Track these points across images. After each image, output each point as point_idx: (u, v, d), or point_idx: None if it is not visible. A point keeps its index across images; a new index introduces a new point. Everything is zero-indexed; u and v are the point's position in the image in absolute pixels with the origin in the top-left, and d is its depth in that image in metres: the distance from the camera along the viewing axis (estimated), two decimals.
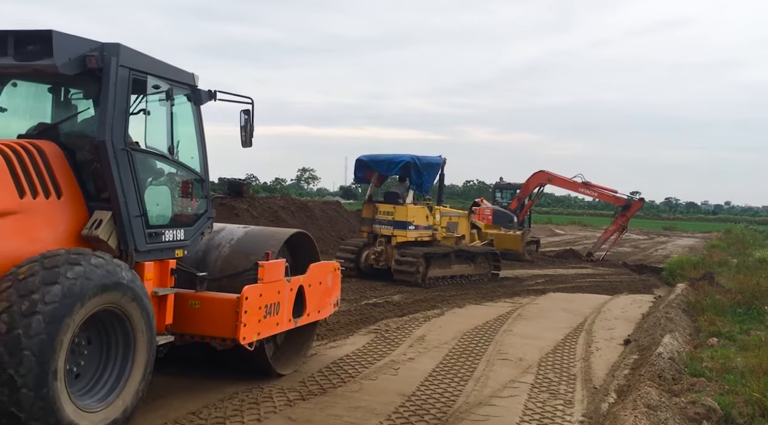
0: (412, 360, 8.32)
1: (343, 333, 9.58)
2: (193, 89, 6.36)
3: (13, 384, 4.20)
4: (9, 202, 4.82)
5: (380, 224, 15.30)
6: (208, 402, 6.14)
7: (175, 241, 6.02)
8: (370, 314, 11.30)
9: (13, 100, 5.90)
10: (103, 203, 5.42)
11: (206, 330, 6.17)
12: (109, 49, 5.42)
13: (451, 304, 13.00)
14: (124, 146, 5.44)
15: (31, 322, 4.27)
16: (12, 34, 5.24)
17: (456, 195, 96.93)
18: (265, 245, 6.88)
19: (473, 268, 16.58)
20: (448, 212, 16.95)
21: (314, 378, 7.19)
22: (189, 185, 6.29)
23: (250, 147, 6.80)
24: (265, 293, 6.41)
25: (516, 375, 7.92)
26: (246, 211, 21.31)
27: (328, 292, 7.85)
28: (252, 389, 6.61)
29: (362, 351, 8.61)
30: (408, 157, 15.25)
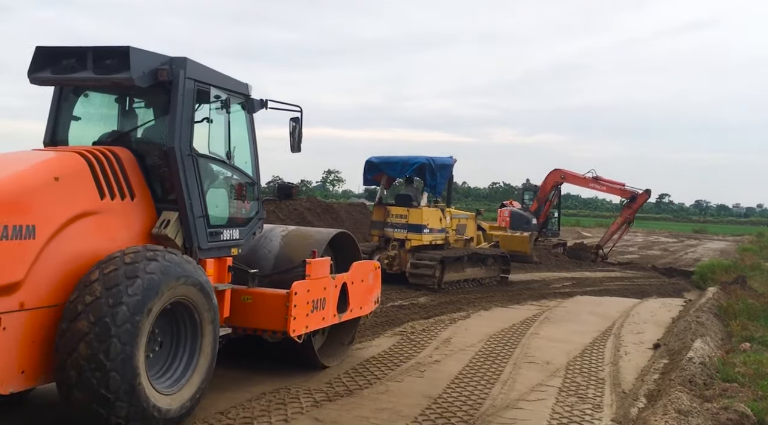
0: (438, 362, 8.30)
1: (368, 335, 9.59)
2: (247, 98, 6.79)
3: (103, 368, 4.65)
4: (91, 203, 5.27)
5: (393, 228, 14.90)
6: (236, 403, 6.21)
7: (231, 240, 6.45)
8: (396, 316, 11.31)
9: (86, 110, 6.40)
10: (169, 204, 5.87)
11: (258, 323, 6.61)
12: (178, 62, 5.87)
13: (477, 307, 12.95)
14: (190, 152, 5.88)
15: (118, 312, 4.72)
16: (91, 50, 5.72)
17: (482, 197, 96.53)
18: (311, 244, 7.29)
19: (484, 271, 16.32)
20: (457, 214, 16.67)
21: (340, 380, 7.22)
22: (243, 188, 6.72)
23: (298, 152, 7.19)
24: (312, 289, 6.83)
25: (543, 378, 7.86)
26: (272, 212, 21.50)
27: (370, 289, 8.22)
28: (279, 390, 6.66)
29: (388, 352, 8.62)
30: (423, 158, 15.02)
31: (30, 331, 4.76)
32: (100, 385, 4.67)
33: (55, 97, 6.25)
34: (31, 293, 4.73)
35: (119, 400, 4.73)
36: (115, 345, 4.68)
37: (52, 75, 5.84)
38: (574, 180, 25.48)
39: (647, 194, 24.44)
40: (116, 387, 4.70)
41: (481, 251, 16.30)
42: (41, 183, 4.93)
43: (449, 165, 15.69)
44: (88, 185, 5.28)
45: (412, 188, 15.50)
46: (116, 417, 4.75)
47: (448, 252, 15.06)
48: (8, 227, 4.56)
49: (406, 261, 14.62)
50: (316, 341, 7.59)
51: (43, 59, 5.85)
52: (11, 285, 4.59)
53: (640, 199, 24.33)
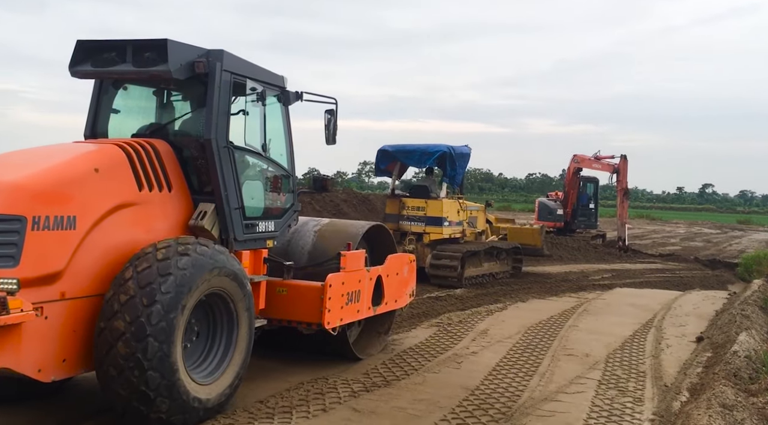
0: (475, 353, 8.27)
1: (405, 326, 9.61)
2: (282, 91, 6.78)
3: (141, 367, 4.71)
4: (130, 194, 5.34)
5: (409, 221, 14.06)
6: (275, 392, 6.28)
7: (266, 232, 6.48)
8: (432, 307, 11.30)
9: (125, 103, 6.47)
10: (205, 196, 5.92)
11: (293, 315, 6.62)
12: (215, 55, 5.89)
13: (514, 298, 12.85)
14: (226, 144, 5.90)
15: (152, 311, 4.76)
16: (130, 44, 5.78)
17: (518, 188, 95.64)
18: (346, 236, 7.28)
19: (499, 265, 15.72)
20: (470, 205, 15.84)
21: (377, 370, 7.24)
22: (279, 180, 6.74)
23: (333, 144, 7.14)
24: (347, 281, 6.82)
25: (582, 371, 7.77)
26: (308, 204, 21.65)
27: (405, 283, 8.18)
28: (317, 380, 6.72)
29: (425, 343, 8.62)
30: (444, 147, 14.21)
31: (71, 320, 4.84)
32: (140, 383, 4.73)
33: (96, 91, 6.33)
34: (72, 282, 4.81)
35: (160, 396, 4.79)
36: (151, 344, 4.72)
37: (93, 68, 5.90)
38: (587, 164, 25.80)
39: (624, 159, 24.77)
40: (156, 385, 4.76)
41: (498, 245, 15.63)
42: (82, 174, 5.00)
43: (467, 154, 14.98)
44: (127, 176, 5.35)
45: (430, 178, 14.84)
46: (157, 412, 4.83)
47: (469, 246, 14.43)
48: (50, 218, 4.64)
49: (424, 256, 13.76)
50: (351, 333, 7.60)
51: (83, 53, 5.92)
52: (53, 275, 4.67)
53: (622, 167, 24.68)
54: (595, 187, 27.94)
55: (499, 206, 57.80)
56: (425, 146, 14.46)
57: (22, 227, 4.50)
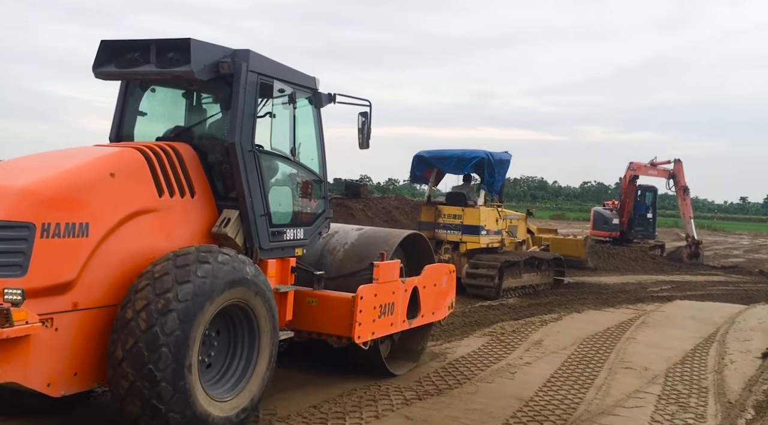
0: (529, 364, 8.15)
1: (458, 335, 9.54)
2: (314, 92, 6.48)
3: (153, 378, 4.44)
4: (149, 200, 5.09)
5: (445, 229, 13.61)
6: (328, 397, 6.30)
7: (295, 240, 6.16)
8: (485, 316, 11.20)
9: (152, 105, 6.25)
10: (230, 202, 5.64)
11: (323, 327, 6.30)
12: (240, 55, 5.63)
13: (569, 309, 12.61)
14: (252, 148, 5.63)
15: (167, 320, 4.50)
16: (154, 43, 5.56)
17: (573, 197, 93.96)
18: (380, 246, 6.94)
19: (540, 276, 15.07)
20: (509, 214, 15.35)
21: (430, 378, 7.21)
22: (309, 186, 6.43)
23: (367, 149, 6.83)
24: (380, 293, 6.47)
25: (641, 384, 7.56)
26: (361, 211, 21.76)
27: (443, 294, 7.79)
28: (370, 386, 6.72)
29: (478, 353, 8.53)
30: (482, 152, 13.73)
31: (83, 332, 4.60)
32: (151, 396, 4.45)
33: (121, 93, 6.11)
34: (84, 293, 4.57)
35: (171, 411, 4.49)
36: (165, 355, 4.45)
37: (116, 69, 5.68)
38: (641, 170, 25.26)
39: (678, 162, 24.40)
40: (168, 398, 4.47)
41: (538, 255, 15.07)
42: (96, 179, 4.75)
43: (507, 161, 14.52)
44: (146, 181, 5.10)
45: (467, 185, 14.45)
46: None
47: (507, 256, 13.90)
48: (60, 225, 4.40)
49: (461, 266, 13.21)
50: (385, 347, 7.26)
51: (107, 53, 5.70)
52: (64, 285, 4.43)
53: (677, 170, 24.29)
54: (654, 196, 27.22)
55: (552, 215, 56.95)
56: (462, 152, 14.04)
57: (30, 234, 4.26)
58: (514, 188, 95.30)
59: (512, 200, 73.31)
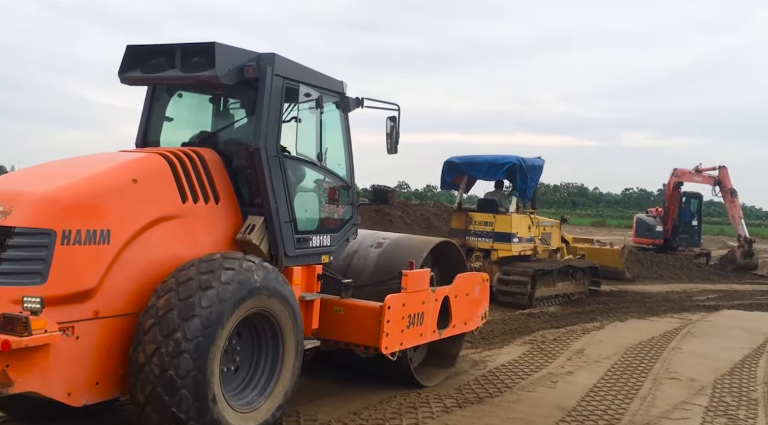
0: (571, 373, 8.02)
1: (497, 343, 9.46)
2: (341, 97, 6.37)
3: (174, 385, 4.34)
4: (172, 206, 5.01)
5: (476, 237, 13.38)
6: (368, 404, 6.30)
7: (321, 247, 6.03)
8: (526, 324, 11.07)
9: (179, 111, 6.19)
10: (255, 208, 5.55)
11: (350, 336, 6.16)
12: (266, 59, 5.53)
13: (612, 317, 12.37)
14: (277, 153, 5.53)
15: (189, 325, 4.41)
16: (179, 48, 5.48)
17: (614, 204, 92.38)
18: (410, 254, 6.78)
19: (574, 285, 14.65)
20: (543, 221, 14.93)
21: (470, 386, 7.15)
22: (336, 192, 6.32)
23: (395, 154, 6.66)
24: (409, 302, 6.31)
25: (687, 396, 7.37)
26: (400, 218, 21.80)
27: (476, 304, 7.57)
28: (410, 393, 6.70)
29: (518, 361, 8.44)
30: (513, 158, 13.48)
31: (105, 340, 4.52)
32: (171, 404, 4.35)
33: (148, 98, 6.06)
34: (106, 300, 4.49)
35: (191, 420, 4.38)
36: (186, 361, 4.34)
37: (142, 74, 5.62)
38: (685, 177, 24.61)
39: (723, 168, 23.81)
40: (188, 407, 4.36)
41: (573, 263, 14.59)
42: (118, 185, 4.67)
43: (540, 167, 14.17)
44: (170, 187, 5.02)
45: (498, 192, 14.23)
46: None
47: (540, 264, 13.57)
48: (81, 232, 4.33)
49: (492, 274, 12.77)
50: (415, 358, 7.08)
51: (133, 58, 5.65)
52: (85, 292, 4.36)
53: (722, 176, 23.69)
54: (699, 203, 26.55)
55: (593, 222, 55.99)
56: (493, 158, 13.78)
57: (51, 241, 4.19)
58: (554, 194, 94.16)
59: (551, 207, 72.44)
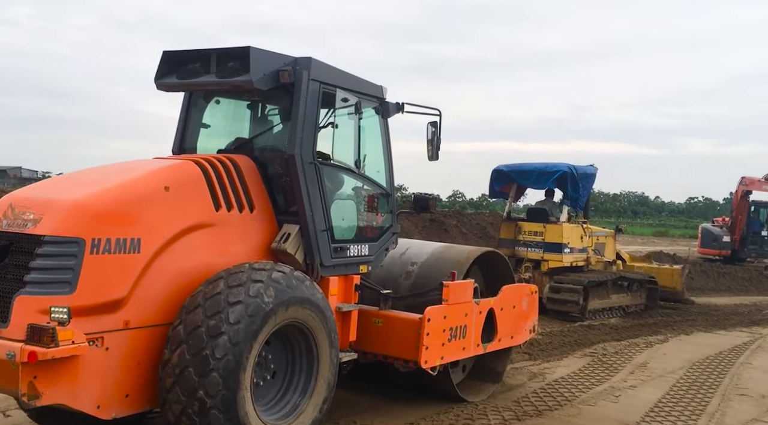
0: (634, 387, 7.79)
1: (556, 355, 9.28)
2: (381, 102, 6.21)
3: (203, 405, 4.21)
4: (206, 215, 4.90)
5: (526, 247, 13.11)
6: (425, 414, 6.23)
7: (359, 256, 5.85)
8: (585, 336, 10.83)
9: (216, 117, 6.10)
10: (291, 216, 5.40)
11: (389, 349, 5.96)
12: (302, 63, 5.40)
13: (676, 330, 11.97)
14: (313, 160, 5.38)
15: (218, 343, 4.27)
16: (215, 52, 5.39)
17: (678, 213, 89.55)
18: (453, 264, 6.56)
19: (630, 298, 14.06)
20: (596, 231, 14.46)
21: (528, 399, 7.03)
22: (374, 200, 6.14)
23: (436, 160, 6.43)
24: (450, 315, 6.07)
25: (759, 413, 7.07)
26: (455, 227, 21.67)
27: (523, 317, 7.25)
28: (467, 405, 6.62)
29: (578, 374, 8.25)
30: (564, 166, 13.15)
31: (135, 352, 4.42)
32: (202, 423, 4.23)
33: (185, 104, 5.97)
34: (136, 311, 4.40)
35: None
36: (215, 380, 4.21)
37: (177, 80, 5.54)
38: (754, 185, 23.82)
39: None
40: None
41: (628, 275, 14.11)
42: (149, 193, 4.58)
43: (592, 175, 13.80)
44: (203, 195, 4.91)
45: (549, 201, 13.78)
46: None
47: (593, 275, 13.12)
48: (111, 240, 4.24)
49: (542, 285, 12.60)
50: (457, 373, 6.81)
51: (169, 64, 5.58)
52: (114, 302, 4.27)
53: None
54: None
55: (655, 232, 54.32)
56: (544, 166, 13.43)
57: (80, 250, 4.11)
58: (613, 203, 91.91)
59: (611, 216, 70.66)
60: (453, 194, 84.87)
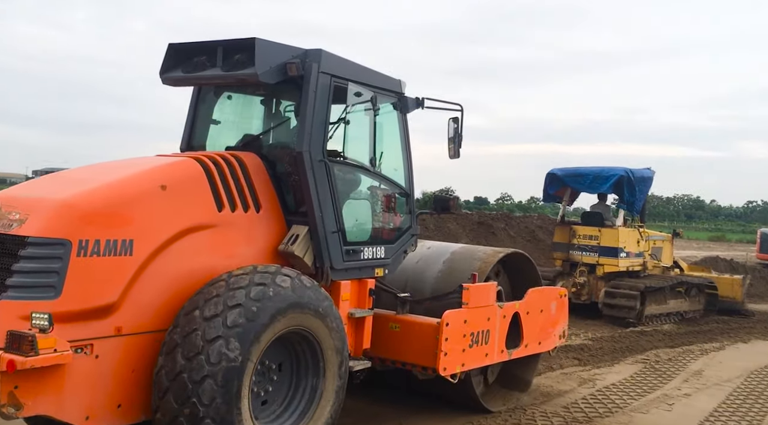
0: (689, 396, 7.60)
1: (607, 360, 9.12)
2: (399, 97, 5.89)
3: (196, 414, 3.95)
4: (207, 215, 4.65)
5: (580, 251, 12.97)
6: (472, 419, 6.19)
7: (374, 259, 5.54)
8: (637, 342, 10.60)
9: (227, 113, 5.86)
10: (301, 217, 5.12)
11: (406, 356, 5.66)
12: (311, 55, 5.13)
13: (733, 338, 11.62)
14: (323, 158, 5.09)
15: (213, 347, 4.03)
16: (221, 44, 5.15)
17: (735, 217, 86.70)
18: (474, 265, 6.23)
19: (688, 303, 13.73)
20: (653, 235, 14.22)
21: (578, 405, 6.91)
22: (391, 200, 5.83)
23: (458, 159, 6.10)
24: (471, 319, 5.73)
25: None
26: (503, 230, 21.46)
27: (552, 322, 6.86)
28: (515, 410, 6.57)
29: (630, 380, 8.09)
30: (620, 170, 13.00)
31: (129, 360, 4.16)
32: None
33: (193, 99, 5.73)
34: (130, 316, 4.14)
35: None
36: (209, 387, 3.94)
37: (183, 74, 5.30)
38: None
39: None
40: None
41: (687, 280, 13.69)
42: (143, 192, 4.32)
43: (649, 178, 13.61)
44: (204, 195, 4.64)
45: (602, 204, 13.67)
46: None
47: (650, 280, 12.89)
48: (100, 242, 3.99)
49: (597, 290, 12.68)
50: (478, 381, 6.43)
51: (175, 58, 5.34)
52: (105, 307, 4.01)
53: None
54: None
55: (711, 236, 52.65)
56: (599, 170, 13.32)
57: (66, 252, 3.87)
58: (667, 207, 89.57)
59: (664, 220, 68.87)
60: (501, 197, 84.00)
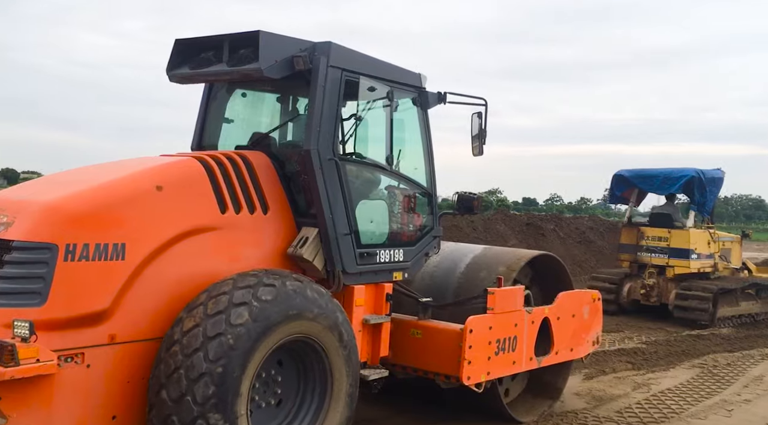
0: (749, 402, 7.35)
1: (662, 365, 8.91)
2: (419, 91, 5.58)
3: (189, 414, 3.73)
4: (209, 217, 4.43)
5: (649, 252, 12.87)
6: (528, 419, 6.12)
7: (392, 262, 5.25)
8: (694, 346, 10.31)
9: (239, 111, 5.65)
10: (312, 218, 4.86)
11: (428, 364, 5.36)
12: (320, 48, 4.86)
13: None
14: (332, 156, 4.81)
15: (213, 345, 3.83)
16: (227, 39, 4.93)
17: None
18: (500, 268, 5.93)
19: (760, 305, 13.42)
20: (723, 236, 14.02)
21: (632, 410, 6.76)
22: (411, 200, 5.51)
23: (481, 156, 5.79)
24: (497, 325, 5.40)
25: None
26: (552, 231, 21.13)
27: (585, 327, 6.47)
28: (567, 413, 6.46)
29: (686, 385, 7.88)
30: (691, 171, 12.85)
31: (124, 369, 3.95)
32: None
33: (204, 97, 5.54)
34: (124, 324, 3.93)
35: None
36: (205, 386, 3.71)
37: (190, 70, 5.10)
38: None
39: None
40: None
41: (760, 281, 13.42)
42: (136, 193, 4.11)
43: (720, 179, 13.44)
44: (205, 195, 4.42)
45: (671, 205, 13.49)
46: None
47: (722, 282, 12.67)
48: (89, 246, 3.79)
49: (667, 292, 12.62)
50: (512, 388, 6.19)
51: (182, 54, 5.15)
52: (95, 315, 3.81)
53: None
54: None
55: None
56: (668, 171, 13.22)
57: (52, 257, 3.68)
58: (725, 207, 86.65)
59: (722, 221, 66.61)
60: (550, 198, 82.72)
